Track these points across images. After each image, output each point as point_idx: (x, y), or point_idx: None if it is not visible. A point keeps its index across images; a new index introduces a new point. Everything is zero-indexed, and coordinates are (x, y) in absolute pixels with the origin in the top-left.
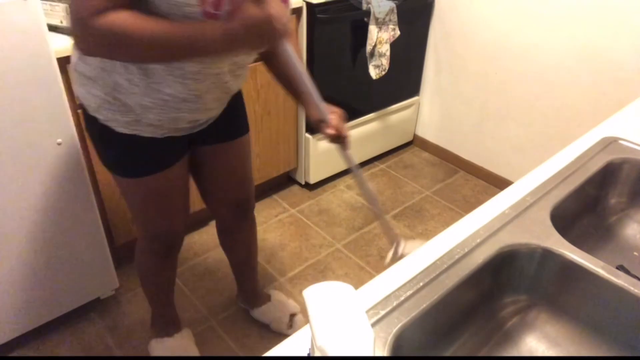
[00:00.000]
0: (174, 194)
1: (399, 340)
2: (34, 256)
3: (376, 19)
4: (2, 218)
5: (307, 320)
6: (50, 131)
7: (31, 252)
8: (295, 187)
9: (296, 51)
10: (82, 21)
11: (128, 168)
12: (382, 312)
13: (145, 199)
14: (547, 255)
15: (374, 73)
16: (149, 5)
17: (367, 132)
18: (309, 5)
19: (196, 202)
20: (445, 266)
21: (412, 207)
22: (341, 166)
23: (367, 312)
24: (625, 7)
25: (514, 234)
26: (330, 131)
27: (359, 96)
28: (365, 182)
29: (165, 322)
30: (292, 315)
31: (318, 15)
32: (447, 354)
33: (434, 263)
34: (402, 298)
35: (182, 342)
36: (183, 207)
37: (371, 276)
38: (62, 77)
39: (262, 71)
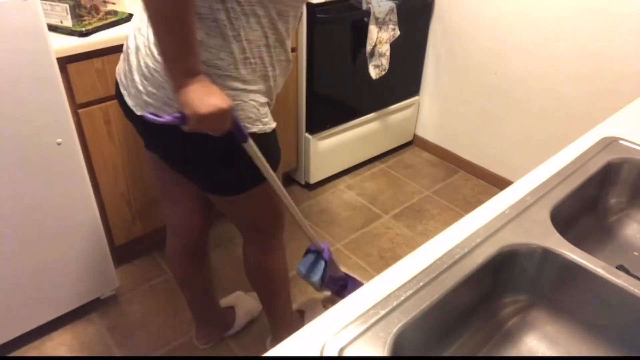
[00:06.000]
0: None
1: (399, 340)
2: (33, 256)
3: (376, 19)
4: (2, 217)
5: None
6: (50, 131)
7: (31, 252)
8: (295, 187)
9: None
10: None
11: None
12: (382, 312)
13: (271, 193)
14: (547, 255)
15: (374, 73)
16: None
17: (367, 132)
18: (309, 5)
19: None
20: (445, 266)
21: (412, 207)
22: (341, 166)
23: (367, 312)
24: (625, 7)
25: (514, 234)
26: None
27: (359, 96)
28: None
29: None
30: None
31: (318, 15)
32: (447, 354)
33: (434, 263)
34: (402, 298)
35: None
36: None
37: (371, 276)
38: (62, 77)
39: None
